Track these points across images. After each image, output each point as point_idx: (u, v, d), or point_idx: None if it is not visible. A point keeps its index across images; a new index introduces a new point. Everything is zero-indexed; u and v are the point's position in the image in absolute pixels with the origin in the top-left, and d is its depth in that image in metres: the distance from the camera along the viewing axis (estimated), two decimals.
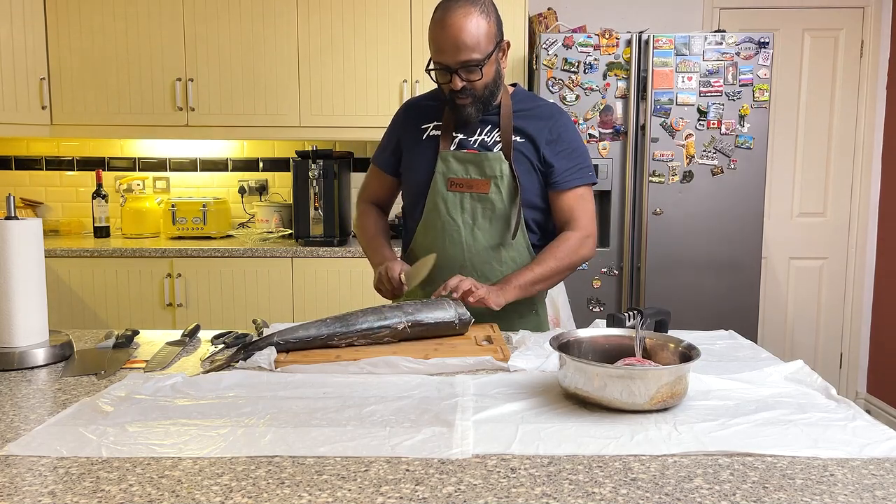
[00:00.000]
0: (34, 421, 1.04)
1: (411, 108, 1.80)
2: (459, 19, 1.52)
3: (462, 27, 1.52)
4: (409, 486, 0.82)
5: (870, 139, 3.77)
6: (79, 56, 3.27)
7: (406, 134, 1.76)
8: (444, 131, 1.70)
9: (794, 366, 1.29)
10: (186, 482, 0.83)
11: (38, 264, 1.36)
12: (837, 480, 0.85)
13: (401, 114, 1.82)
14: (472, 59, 1.54)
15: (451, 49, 1.54)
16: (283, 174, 3.68)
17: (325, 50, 3.28)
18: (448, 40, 1.53)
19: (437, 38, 1.55)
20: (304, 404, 1.10)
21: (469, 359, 1.31)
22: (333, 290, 3.14)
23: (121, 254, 3.12)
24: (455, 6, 1.53)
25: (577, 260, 1.69)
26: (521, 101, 1.73)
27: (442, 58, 1.56)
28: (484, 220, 1.69)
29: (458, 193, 1.68)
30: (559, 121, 1.71)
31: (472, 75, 1.57)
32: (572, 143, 1.71)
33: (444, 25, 1.53)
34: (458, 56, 1.54)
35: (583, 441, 0.96)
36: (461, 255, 1.69)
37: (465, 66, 1.55)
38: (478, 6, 1.54)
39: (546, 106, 1.75)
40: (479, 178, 1.67)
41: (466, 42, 1.53)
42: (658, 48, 2.99)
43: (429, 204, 1.70)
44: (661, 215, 3.08)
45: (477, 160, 1.66)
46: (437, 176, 1.68)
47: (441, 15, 1.55)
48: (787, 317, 3.89)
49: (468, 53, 1.54)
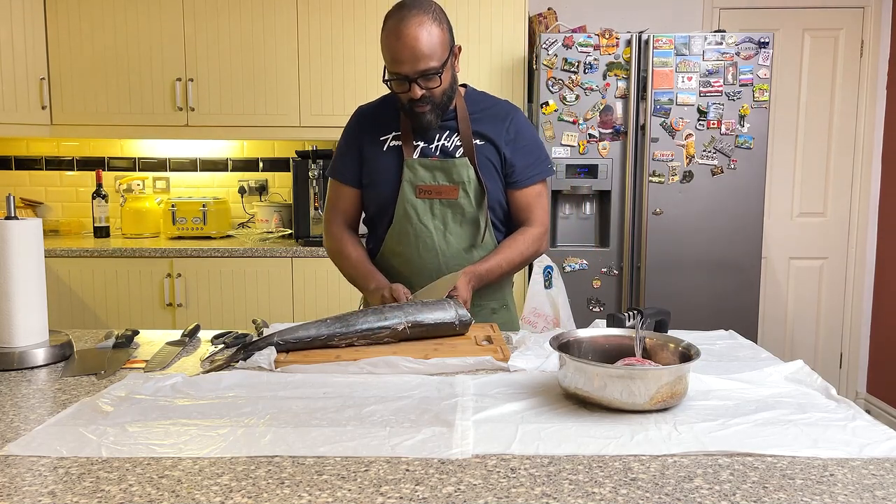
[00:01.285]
0: (34, 421, 1.04)
1: (365, 117, 1.78)
2: (414, 29, 1.51)
3: (417, 37, 1.52)
4: (409, 486, 0.82)
5: (870, 139, 3.77)
6: (79, 56, 3.27)
7: (365, 145, 1.74)
8: (404, 140, 1.70)
9: (794, 366, 1.29)
10: (186, 482, 0.83)
11: (38, 264, 1.36)
12: (837, 480, 0.85)
13: (354, 122, 1.79)
14: (430, 68, 1.54)
15: (408, 59, 1.53)
16: (283, 174, 3.68)
17: (325, 50, 3.28)
18: (405, 50, 1.52)
19: (392, 48, 1.54)
20: (304, 404, 1.10)
21: (469, 359, 1.31)
22: (333, 290, 3.14)
23: (121, 254, 3.12)
24: (408, 16, 1.52)
25: (534, 255, 1.77)
26: (475, 102, 1.74)
27: (399, 68, 1.55)
28: (455, 224, 1.71)
29: (428, 200, 1.69)
30: (515, 118, 1.74)
31: (431, 83, 1.57)
32: (529, 138, 1.75)
33: (399, 36, 1.52)
34: (417, 66, 1.54)
35: (583, 441, 0.95)
36: (436, 259, 1.71)
37: (423, 74, 1.55)
38: (430, 14, 1.54)
39: (500, 104, 1.77)
40: (447, 185, 1.68)
41: (423, 51, 1.53)
42: (658, 48, 2.99)
43: (398, 211, 1.70)
44: (661, 215, 3.08)
45: (444, 167, 1.67)
46: (404, 184, 1.68)
47: (395, 25, 1.53)
48: (787, 317, 3.89)
49: (426, 62, 1.54)
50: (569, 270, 3.09)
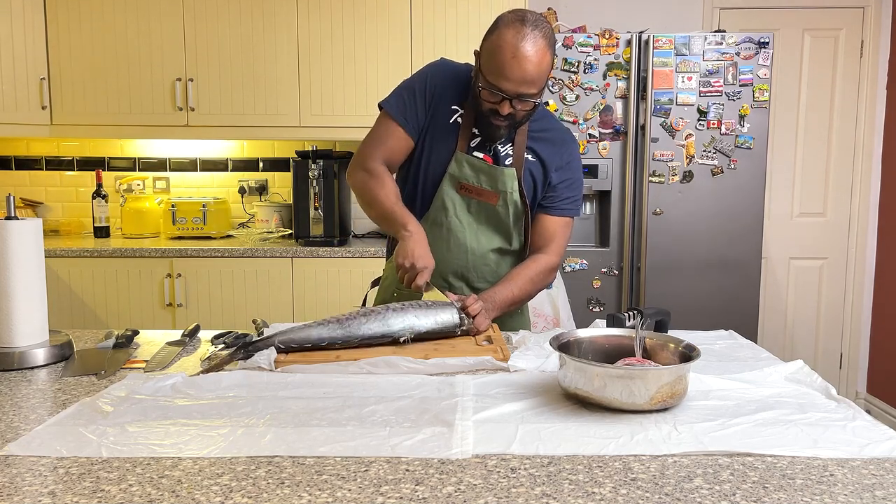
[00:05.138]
0: (34, 421, 1.04)
1: (447, 74, 1.66)
2: (532, 53, 1.46)
3: (533, 61, 1.46)
4: (409, 486, 0.82)
5: (870, 139, 3.77)
6: (79, 56, 3.27)
7: (439, 102, 1.64)
8: (464, 125, 1.64)
9: (794, 366, 1.29)
10: (186, 482, 0.83)
11: (38, 264, 1.36)
12: (837, 480, 0.85)
13: (438, 74, 1.67)
14: (531, 94, 1.51)
15: (516, 80, 1.48)
16: (283, 174, 3.68)
17: (325, 50, 3.28)
18: (517, 71, 1.47)
19: (504, 64, 1.47)
20: (304, 404, 1.10)
21: (469, 359, 1.31)
22: (333, 290, 3.14)
23: (121, 254, 3.12)
24: (531, 38, 1.46)
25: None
26: (538, 120, 1.68)
27: (503, 85, 1.49)
28: (488, 226, 1.70)
29: (467, 198, 1.67)
30: (570, 149, 1.73)
31: (524, 106, 1.54)
32: (577, 173, 1.75)
33: (515, 54, 1.46)
34: (520, 88, 1.49)
35: (583, 441, 0.96)
36: (464, 256, 1.69)
37: (522, 97, 1.51)
38: (548, 40, 1.49)
39: (561, 131, 1.75)
40: (489, 189, 1.65)
41: (533, 77, 1.48)
42: (658, 48, 2.99)
43: (436, 202, 1.67)
44: (661, 215, 3.08)
45: (490, 172, 1.64)
46: (447, 176, 1.65)
47: (515, 42, 1.46)
48: (787, 317, 3.89)
49: (529, 87, 1.49)
50: (569, 270, 3.09)
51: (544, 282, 1.72)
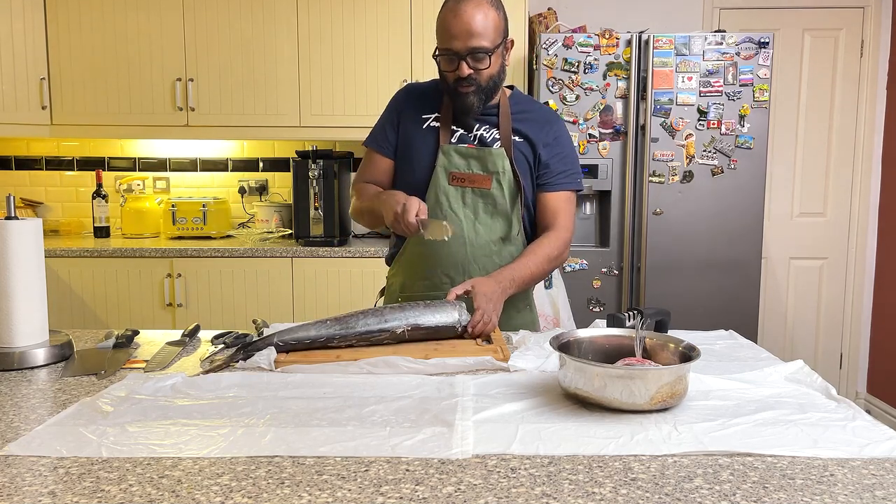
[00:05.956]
0: (34, 421, 1.04)
1: (412, 93, 1.79)
2: (472, 8, 1.56)
3: (474, 15, 1.56)
4: (409, 486, 0.82)
5: (870, 139, 3.77)
6: (79, 56, 3.27)
7: (407, 119, 1.75)
8: (443, 125, 1.71)
9: (794, 366, 1.29)
10: (186, 482, 0.83)
11: (38, 264, 1.36)
12: (837, 480, 0.85)
13: (402, 95, 1.80)
14: (481, 47, 1.58)
15: (462, 35, 1.57)
16: (283, 174, 3.68)
17: (325, 50, 3.28)
18: (460, 26, 1.56)
19: (448, 24, 1.58)
20: (304, 404, 1.10)
21: (469, 359, 1.31)
22: (333, 290, 3.14)
23: (121, 254, 3.12)
24: None
25: (559, 263, 1.74)
26: (519, 103, 1.76)
27: (452, 44, 1.58)
28: (485, 215, 1.70)
29: (460, 188, 1.69)
30: (556, 126, 1.76)
31: (480, 63, 1.60)
32: (567, 148, 1.76)
33: (456, 13, 1.57)
34: (469, 42, 1.57)
35: (583, 441, 0.95)
36: (463, 249, 1.70)
37: (473, 52, 1.58)
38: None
39: (544, 110, 1.80)
40: (480, 174, 1.68)
41: (478, 29, 1.57)
42: (658, 48, 2.99)
43: (429, 198, 1.69)
44: (661, 215, 3.08)
45: (479, 155, 1.68)
46: (437, 170, 1.68)
47: (454, 3, 1.58)
48: (787, 317, 3.89)
49: (478, 40, 1.57)
50: (569, 270, 3.09)
51: (560, 258, 1.72)
